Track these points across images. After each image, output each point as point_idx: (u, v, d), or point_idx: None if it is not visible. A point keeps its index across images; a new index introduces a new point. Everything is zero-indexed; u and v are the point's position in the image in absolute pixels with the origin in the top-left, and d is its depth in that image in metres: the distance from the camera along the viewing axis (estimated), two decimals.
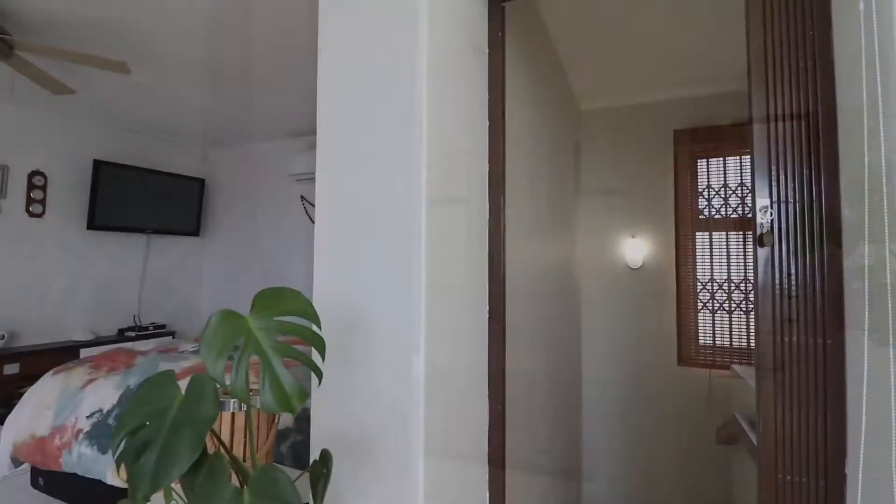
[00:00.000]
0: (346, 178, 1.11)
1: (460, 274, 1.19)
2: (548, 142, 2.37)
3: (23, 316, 3.70)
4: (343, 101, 1.14)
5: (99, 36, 2.53)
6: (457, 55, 1.19)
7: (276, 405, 0.65)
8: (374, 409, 0.98)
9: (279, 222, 4.69)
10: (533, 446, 1.90)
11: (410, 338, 0.98)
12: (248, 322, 0.69)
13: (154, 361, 2.17)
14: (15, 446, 2.08)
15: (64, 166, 3.92)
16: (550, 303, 2.33)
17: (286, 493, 0.59)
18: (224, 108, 3.74)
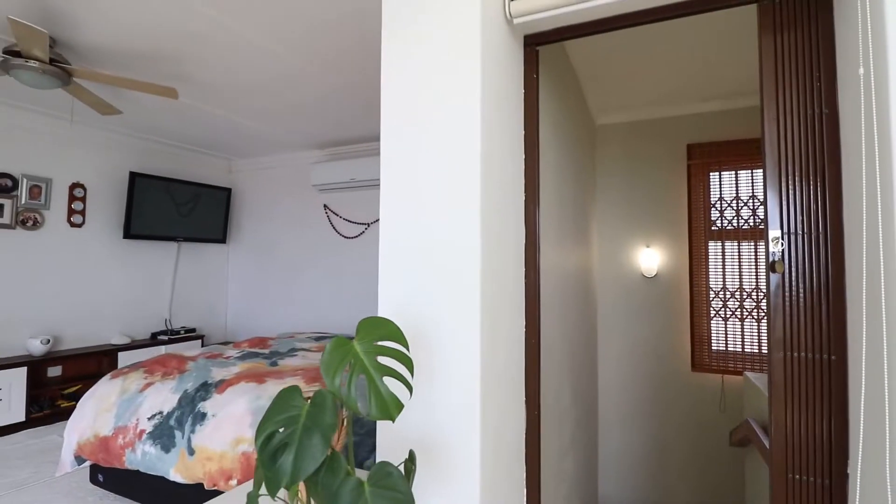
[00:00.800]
0: (409, 202, 1.25)
1: (505, 291, 1.34)
2: (569, 157, 2.51)
3: (64, 321, 3.91)
4: (403, 125, 1.26)
5: (142, 62, 2.71)
6: (501, 92, 1.34)
7: (378, 414, 0.80)
8: (438, 414, 1.13)
9: (302, 230, 4.87)
10: (559, 448, 2.05)
11: (468, 350, 1.13)
12: (355, 347, 0.84)
13: (206, 367, 2.34)
14: (79, 445, 2.26)
15: (102, 178, 4.12)
16: (572, 311, 2.47)
17: (399, 484, 0.74)
18: (250, 123, 3.92)
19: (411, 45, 1.26)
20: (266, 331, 4.96)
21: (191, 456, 1.90)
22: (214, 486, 1.83)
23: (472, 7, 1.20)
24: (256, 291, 5.14)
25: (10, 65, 2.30)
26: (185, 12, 2.17)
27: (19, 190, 3.62)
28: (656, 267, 3.18)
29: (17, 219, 3.62)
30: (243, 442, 1.82)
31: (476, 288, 1.14)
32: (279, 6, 2.11)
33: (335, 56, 2.59)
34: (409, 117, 1.26)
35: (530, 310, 1.53)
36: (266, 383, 2.06)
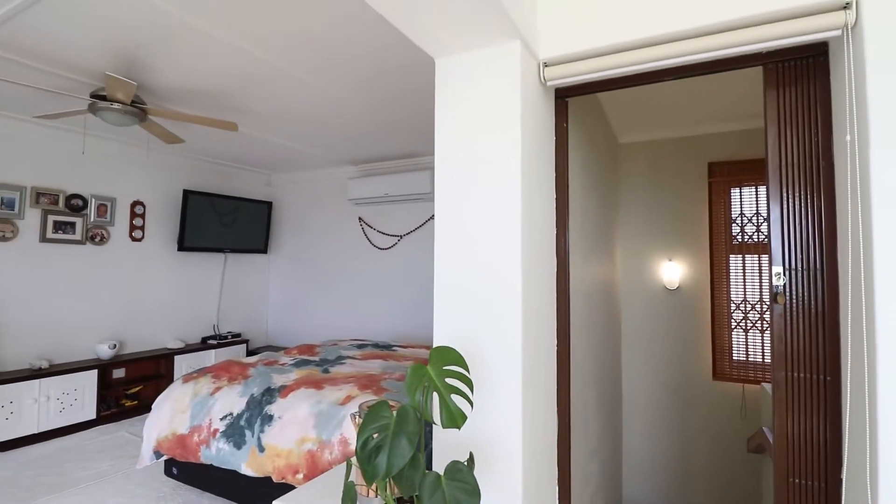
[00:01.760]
0: (459, 243, 1.47)
1: (540, 313, 1.55)
2: (594, 180, 2.70)
3: (127, 327, 4.28)
4: (454, 178, 1.48)
5: (204, 98, 3.02)
6: (536, 143, 1.55)
7: (448, 424, 1.03)
8: (485, 423, 1.36)
9: (338, 241, 5.16)
10: (585, 452, 2.25)
11: (511, 368, 1.35)
12: (429, 371, 1.07)
13: (267, 373, 2.62)
14: (158, 441, 2.57)
15: (159, 196, 4.49)
16: (598, 323, 2.66)
17: (468, 477, 0.97)
18: (291, 144, 4.20)
19: (460, 109, 1.49)
20: (304, 335, 5.27)
21: (261, 452, 2.17)
22: (283, 480, 2.10)
23: (512, 78, 1.42)
24: (295, 298, 5.46)
25: (97, 107, 2.62)
26: (242, 57, 2.44)
27: (89, 209, 4.00)
28: (678, 280, 3.33)
29: (87, 235, 4.00)
30: (308, 441, 2.09)
31: (518, 315, 1.36)
32: (321, 46, 2.36)
33: (370, 86, 2.85)
34: (458, 171, 1.49)
35: (561, 328, 1.73)
36: (324, 390, 2.32)
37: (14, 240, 3.58)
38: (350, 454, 1.97)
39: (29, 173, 3.65)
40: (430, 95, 2.82)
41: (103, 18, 2.07)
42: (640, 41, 1.40)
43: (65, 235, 3.85)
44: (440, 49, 1.49)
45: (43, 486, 2.78)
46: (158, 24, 2.11)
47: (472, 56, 1.48)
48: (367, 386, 2.32)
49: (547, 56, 1.54)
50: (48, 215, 3.75)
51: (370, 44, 2.25)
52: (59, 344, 3.83)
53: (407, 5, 1.25)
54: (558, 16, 1.52)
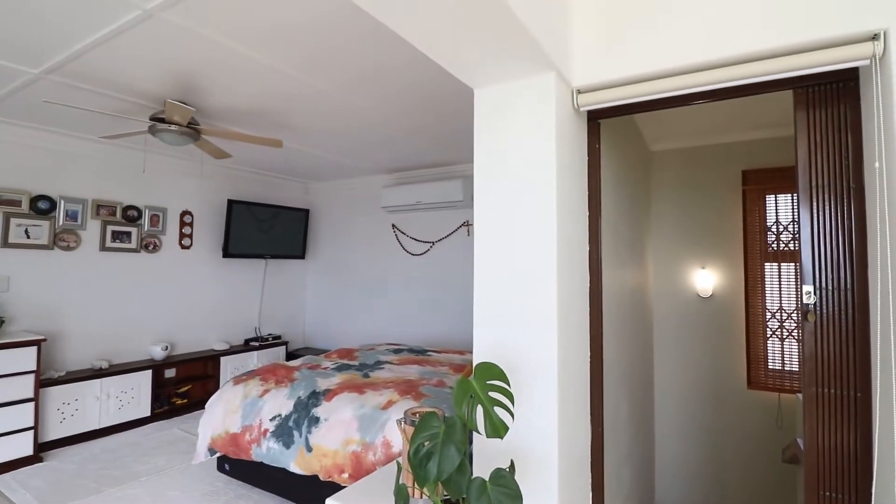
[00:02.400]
0: (497, 259, 1.57)
1: (574, 326, 1.64)
2: (626, 187, 2.75)
3: (177, 330, 4.55)
4: (492, 200, 1.59)
5: (250, 117, 3.21)
6: (570, 164, 1.63)
7: (492, 434, 1.14)
8: (523, 432, 1.45)
9: (372, 247, 5.33)
10: (617, 458, 2.31)
11: (548, 379, 1.44)
12: (474, 384, 1.18)
13: (311, 377, 2.79)
14: (212, 439, 2.76)
15: (205, 206, 4.75)
16: (629, 331, 2.71)
17: (511, 483, 1.07)
18: (328, 155, 4.38)
19: (498, 134, 1.59)
20: (340, 338, 5.46)
21: (309, 452, 2.33)
22: (329, 478, 2.24)
23: (547, 105, 1.51)
24: (331, 302, 5.66)
25: (157, 129, 2.84)
26: (285, 79, 2.60)
27: (143, 219, 4.28)
28: (711, 287, 3.33)
29: (142, 243, 4.28)
30: (352, 443, 2.22)
31: (554, 327, 1.45)
32: (358, 67, 2.50)
33: (404, 101, 2.97)
34: (496, 193, 1.59)
35: (594, 338, 1.81)
36: (366, 394, 2.46)
37: (77, 249, 3.88)
38: (392, 456, 2.09)
39: (90, 187, 3.95)
40: (462, 107, 2.95)
41: (163, 50, 2.26)
42: (671, 70, 1.47)
43: (122, 244, 4.14)
44: (479, 81, 1.60)
45: (108, 479, 3.02)
46: (211, 53, 2.29)
47: (509, 86, 1.58)
48: (406, 391, 2.44)
49: (580, 84, 1.62)
50: (107, 226, 4.04)
51: (405, 61, 2.37)
52: (117, 345, 4.12)
53: (449, 45, 1.36)
54: (591, 46, 1.60)
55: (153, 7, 1.87)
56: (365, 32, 2.07)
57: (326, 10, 1.90)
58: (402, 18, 1.21)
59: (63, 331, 3.79)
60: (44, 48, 2.26)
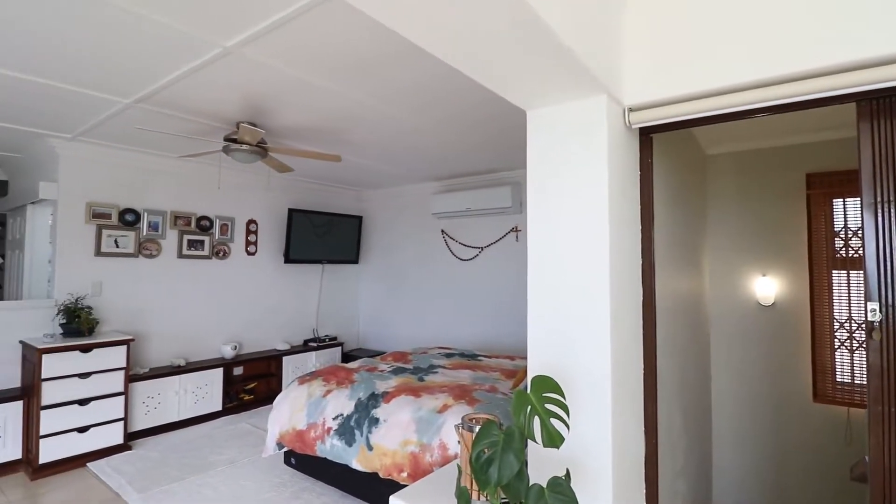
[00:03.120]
0: (550, 275, 1.65)
1: (627, 337, 1.67)
2: (680, 195, 2.72)
3: (244, 330, 4.89)
4: (545, 214, 1.65)
5: (311, 134, 3.42)
6: (622, 178, 1.67)
7: (549, 444, 1.21)
8: (576, 442, 1.51)
9: (422, 252, 5.48)
10: (671, 470, 2.31)
11: (601, 389, 1.49)
12: (531, 396, 1.26)
13: (369, 379, 2.95)
14: (280, 435, 2.98)
15: (268, 215, 5.07)
16: (683, 340, 2.68)
17: (568, 491, 1.15)
18: (381, 166, 4.56)
19: (550, 154, 1.66)
20: (392, 340, 5.66)
21: (369, 451, 2.48)
22: (389, 476, 2.38)
23: (599, 124, 1.56)
24: (383, 305, 5.87)
25: (230, 149, 3.09)
26: (348, 102, 2.77)
27: (214, 228, 4.63)
28: (773, 296, 3.22)
29: (213, 251, 4.63)
30: (410, 444, 2.35)
31: (607, 340, 1.50)
32: (413, 90, 2.62)
33: (455, 116, 3.08)
34: (550, 209, 1.65)
35: (648, 349, 1.84)
36: (422, 397, 2.58)
37: (158, 257, 4.26)
38: (448, 458, 2.20)
39: (169, 200, 4.32)
40: (511, 117, 3.00)
41: (238, 80, 2.48)
42: (728, 87, 1.48)
43: (196, 252, 4.50)
44: (531, 104, 1.67)
45: (188, 467, 3.32)
46: (280, 81, 2.49)
47: (562, 108, 1.64)
48: (460, 396, 2.54)
49: (632, 102, 1.66)
50: (183, 235, 4.41)
51: (462, 84, 2.48)
52: (192, 345, 4.49)
53: (502, 75, 1.44)
54: (643, 65, 1.63)
55: (232, 45, 2.07)
56: (426, 63, 2.19)
57: (393, 49, 2.04)
58: (456, 53, 1.30)
59: (146, 331, 4.18)
60: (136, 82, 2.53)
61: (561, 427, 1.25)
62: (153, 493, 2.93)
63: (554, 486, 1.16)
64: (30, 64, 2.29)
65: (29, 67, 2.33)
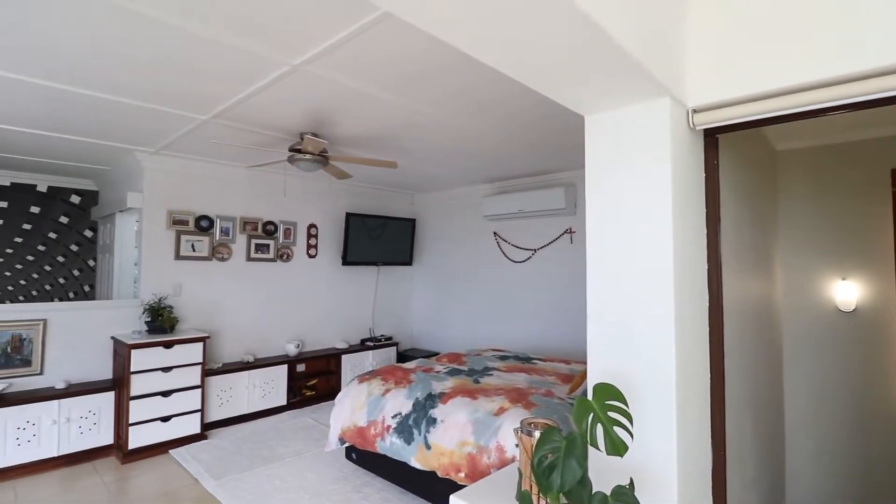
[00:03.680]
0: (610, 277, 1.63)
1: (693, 341, 1.63)
2: (748, 197, 2.60)
3: (305, 330, 5.13)
4: (606, 216, 1.63)
5: (370, 142, 3.54)
6: (685, 180, 1.63)
7: (612, 452, 1.21)
8: (638, 451, 1.50)
9: (474, 254, 5.52)
10: (740, 483, 2.21)
11: (665, 397, 1.47)
12: (593, 404, 1.26)
13: (426, 380, 3.03)
14: (342, 430, 3.12)
15: (327, 219, 5.30)
16: (752, 348, 2.56)
17: (632, 499, 1.14)
18: (434, 170, 4.64)
19: (610, 159, 1.65)
20: (445, 340, 5.74)
21: (427, 450, 2.55)
22: (447, 476, 2.44)
23: (661, 128, 1.54)
24: (436, 307, 5.97)
25: (294, 159, 3.27)
26: (400, 109, 2.85)
27: (278, 233, 4.90)
28: (855, 301, 2.99)
29: (278, 254, 4.90)
30: (467, 445, 2.40)
31: (671, 350, 1.47)
32: (468, 97, 2.66)
33: (510, 120, 3.08)
34: (610, 215, 1.64)
35: (714, 357, 1.78)
36: (478, 399, 2.62)
37: (229, 260, 4.56)
38: (505, 461, 2.23)
39: (239, 206, 4.62)
40: (565, 118, 2.98)
41: (303, 94, 2.62)
42: (802, 85, 1.41)
43: (262, 255, 4.78)
44: (589, 110, 1.66)
45: (258, 458, 3.54)
46: (342, 94, 2.61)
47: (622, 112, 1.62)
48: (516, 400, 2.56)
49: (696, 104, 1.61)
50: (251, 239, 4.70)
51: (518, 90, 2.49)
52: (259, 342, 4.77)
53: (559, 83, 1.45)
54: (709, 66, 1.59)
55: (299, 63, 2.20)
56: (479, 69, 2.23)
57: (445, 58, 2.09)
58: (512, 62, 1.32)
59: (219, 329, 4.49)
60: (212, 100, 2.74)
61: (624, 435, 1.25)
62: (227, 481, 3.15)
63: (618, 494, 1.17)
64: (119, 86, 2.54)
65: (119, 89, 2.58)
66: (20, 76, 2.37)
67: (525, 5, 1.02)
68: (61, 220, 5.26)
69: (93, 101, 2.73)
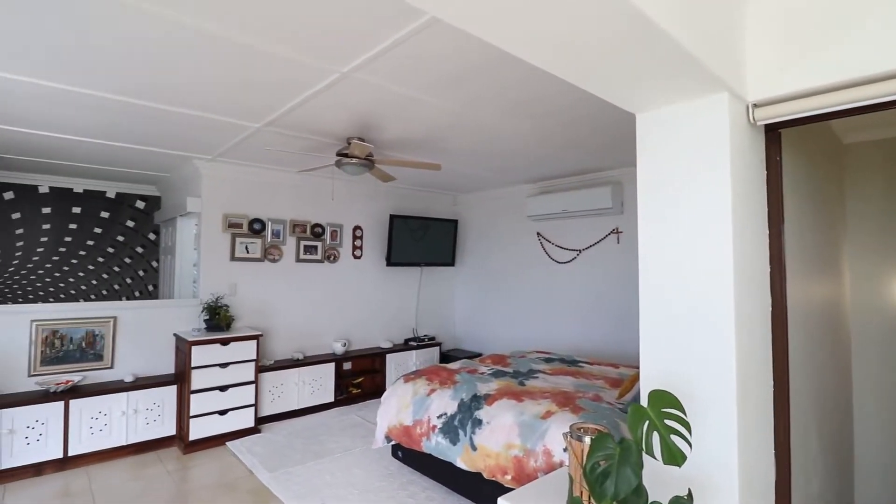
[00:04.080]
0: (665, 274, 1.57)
1: (756, 346, 1.55)
2: (813, 194, 2.44)
3: (351, 329, 5.26)
4: (659, 213, 1.58)
5: (413, 145, 3.59)
6: (745, 178, 1.55)
7: (669, 461, 1.18)
8: (695, 460, 1.44)
9: (517, 254, 5.48)
10: (806, 498, 2.08)
11: (724, 403, 1.40)
12: (648, 412, 1.23)
13: (471, 381, 3.04)
14: (388, 429, 3.17)
15: (371, 221, 5.41)
16: (818, 353, 2.40)
17: None
18: (476, 171, 4.64)
19: (664, 158, 1.59)
20: (488, 341, 5.73)
21: (473, 451, 2.55)
22: (493, 477, 2.44)
23: (719, 124, 1.47)
24: (478, 307, 5.96)
25: (342, 163, 3.36)
26: (443, 111, 2.87)
27: (325, 235, 5.04)
28: None
29: (325, 255, 5.05)
30: (514, 448, 2.39)
31: (731, 356, 1.40)
32: (514, 98, 2.64)
33: (553, 119, 3.04)
34: (665, 216, 1.59)
35: (777, 365, 1.68)
36: (524, 402, 2.61)
37: (280, 261, 4.74)
38: (553, 465, 2.20)
39: (289, 210, 4.80)
40: (611, 114, 2.90)
41: (350, 100, 2.69)
42: (871, 76, 1.33)
43: (311, 256, 4.94)
44: (641, 107, 1.62)
45: (309, 453, 3.66)
46: (388, 99, 2.65)
47: (676, 109, 1.57)
48: (564, 404, 2.52)
49: (757, 98, 1.54)
50: (300, 241, 4.87)
51: (561, 88, 2.46)
52: (308, 340, 4.93)
53: (610, 80, 1.42)
54: (771, 58, 1.51)
55: (348, 70, 2.26)
56: (523, 67, 2.21)
57: (489, 58, 2.09)
58: (560, 62, 1.30)
59: (271, 327, 4.67)
60: (266, 109, 2.86)
61: (682, 444, 1.21)
62: (280, 474, 3.28)
63: (677, 502, 1.13)
64: (183, 99, 2.70)
65: (179, 101, 2.74)
66: (94, 91, 2.56)
67: (578, 4, 1.01)
68: (128, 224, 5.64)
69: (157, 113, 2.92)
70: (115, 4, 1.72)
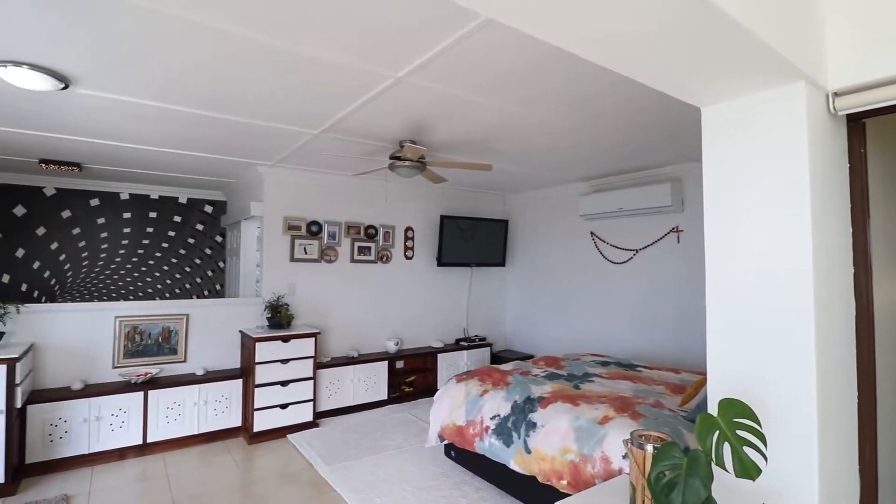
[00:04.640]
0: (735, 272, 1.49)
1: (838, 354, 1.44)
2: None
3: (403, 328, 5.35)
4: (729, 208, 1.49)
5: (465, 146, 3.59)
6: (823, 167, 1.44)
7: (741, 474, 1.11)
8: (771, 474, 1.35)
9: (570, 254, 5.36)
10: None
11: (803, 412, 1.31)
12: (718, 421, 1.17)
13: (524, 383, 3.01)
14: (441, 428, 3.20)
15: (422, 222, 5.48)
16: None
17: None
18: (526, 170, 4.58)
19: (734, 153, 1.51)
20: (539, 342, 5.65)
21: (527, 454, 2.53)
22: (548, 482, 2.40)
23: (795, 116, 1.38)
24: (529, 308, 5.89)
25: (395, 166, 3.43)
26: (495, 112, 2.85)
27: (378, 236, 5.16)
28: None
29: (378, 256, 5.17)
30: (569, 452, 2.34)
31: (811, 365, 1.31)
32: (566, 95, 2.58)
33: (608, 115, 2.95)
34: (735, 213, 1.50)
35: (864, 375, 1.55)
36: (580, 406, 2.55)
37: (336, 262, 4.90)
38: (611, 472, 2.14)
39: (344, 212, 4.95)
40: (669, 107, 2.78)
41: (403, 104, 2.74)
42: None
43: (364, 257, 5.07)
44: (707, 100, 1.54)
45: (364, 448, 3.76)
46: (440, 101, 2.68)
47: (746, 100, 1.49)
48: (622, 409, 2.44)
49: (838, 86, 1.43)
50: (355, 242, 5.01)
51: (615, 82, 2.38)
52: (362, 339, 5.07)
53: (675, 75, 1.36)
54: (853, 41, 1.40)
55: (402, 75, 2.31)
56: (576, 64, 2.17)
57: (541, 57, 2.06)
58: (621, 57, 1.26)
59: (328, 325, 4.84)
60: (323, 116, 2.97)
61: (756, 457, 1.14)
62: (337, 467, 3.39)
63: None
64: (248, 109, 2.85)
65: (245, 112, 2.89)
66: (172, 105, 2.76)
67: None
68: (197, 227, 6.03)
69: (228, 124, 3.10)
70: (194, 27, 1.84)
